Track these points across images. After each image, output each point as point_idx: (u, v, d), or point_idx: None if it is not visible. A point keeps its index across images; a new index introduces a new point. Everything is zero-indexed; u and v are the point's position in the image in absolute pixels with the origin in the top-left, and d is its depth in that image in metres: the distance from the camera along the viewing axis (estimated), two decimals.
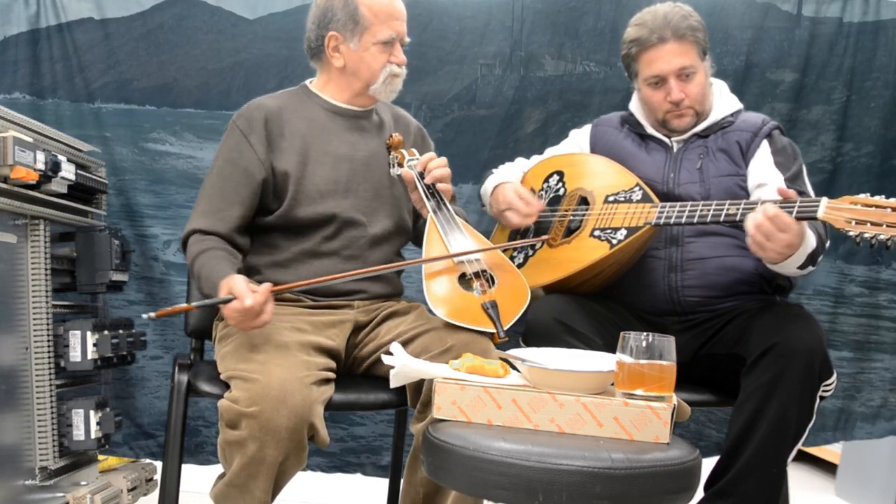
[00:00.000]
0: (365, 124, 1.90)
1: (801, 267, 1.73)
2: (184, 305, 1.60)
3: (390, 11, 1.80)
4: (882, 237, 1.55)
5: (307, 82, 1.93)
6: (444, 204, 1.80)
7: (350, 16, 1.78)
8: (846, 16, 2.34)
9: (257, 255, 1.82)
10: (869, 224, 1.56)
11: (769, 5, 2.35)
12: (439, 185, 1.80)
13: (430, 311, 1.70)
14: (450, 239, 1.75)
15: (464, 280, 1.73)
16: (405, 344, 1.69)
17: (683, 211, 1.77)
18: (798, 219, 1.62)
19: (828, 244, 1.83)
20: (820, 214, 1.60)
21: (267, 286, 1.56)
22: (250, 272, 1.78)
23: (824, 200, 1.61)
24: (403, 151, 1.83)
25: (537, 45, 2.38)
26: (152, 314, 1.50)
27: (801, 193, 1.80)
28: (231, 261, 1.70)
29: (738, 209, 1.69)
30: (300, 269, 1.78)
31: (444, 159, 1.83)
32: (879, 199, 1.57)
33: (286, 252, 1.79)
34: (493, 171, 2.13)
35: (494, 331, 1.65)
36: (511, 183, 2.03)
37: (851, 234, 1.57)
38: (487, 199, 2.08)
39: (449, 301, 1.69)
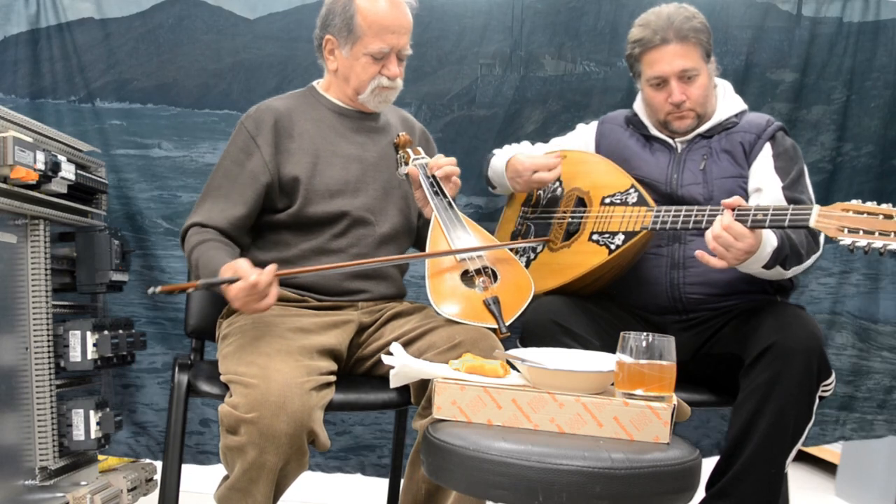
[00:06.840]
0: (372, 125, 1.90)
1: (768, 267, 1.72)
2: (190, 283, 1.56)
3: (386, 24, 1.77)
4: (875, 245, 1.51)
5: (314, 83, 1.93)
6: (449, 201, 1.80)
7: (346, 23, 1.78)
8: (846, 16, 2.34)
9: (265, 252, 1.82)
10: (861, 232, 1.52)
11: (769, 5, 2.35)
12: (453, 179, 1.81)
13: (434, 309, 1.70)
14: (453, 236, 1.76)
15: (466, 277, 1.74)
16: (412, 342, 1.70)
17: (679, 215, 1.77)
18: (790, 227, 1.61)
19: (818, 252, 1.81)
20: (811, 223, 1.57)
21: (272, 267, 1.55)
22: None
23: (816, 208, 1.58)
24: (409, 150, 1.84)
25: (537, 45, 2.38)
26: (158, 289, 1.48)
27: (795, 201, 1.79)
28: (230, 251, 1.70)
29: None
30: (308, 266, 1.77)
31: (452, 159, 1.83)
32: (871, 206, 1.53)
33: (294, 249, 1.80)
34: (495, 151, 2.12)
35: (496, 327, 1.65)
36: (522, 153, 2.01)
37: (844, 242, 1.53)
38: (500, 174, 2.04)
39: (451, 298, 1.70)
